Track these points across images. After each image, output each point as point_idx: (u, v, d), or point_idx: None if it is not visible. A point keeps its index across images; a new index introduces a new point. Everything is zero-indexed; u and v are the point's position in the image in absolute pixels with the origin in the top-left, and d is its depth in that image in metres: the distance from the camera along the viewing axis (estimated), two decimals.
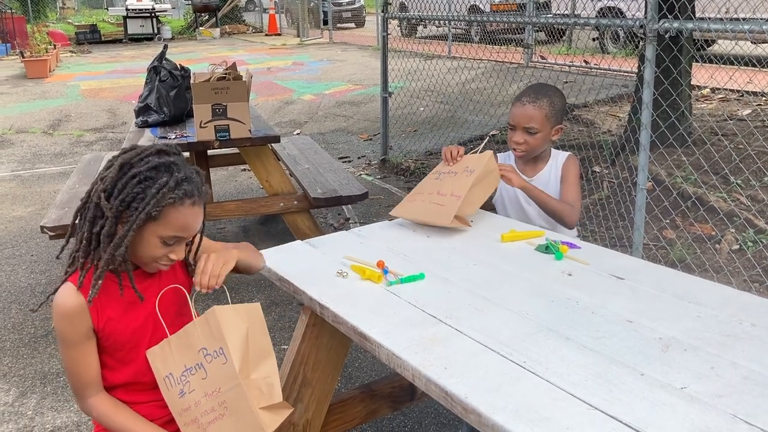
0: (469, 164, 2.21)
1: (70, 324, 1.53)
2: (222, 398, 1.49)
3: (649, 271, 1.82)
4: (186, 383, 1.53)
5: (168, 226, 1.50)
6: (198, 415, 1.52)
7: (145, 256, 1.54)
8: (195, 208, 1.53)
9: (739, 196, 4.34)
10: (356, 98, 9.67)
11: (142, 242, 1.51)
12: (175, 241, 1.53)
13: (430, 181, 2.32)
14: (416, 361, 1.40)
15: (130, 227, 1.47)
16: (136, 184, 1.47)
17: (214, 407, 1.50)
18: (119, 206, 1.47)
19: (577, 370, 1.34)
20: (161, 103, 4.13)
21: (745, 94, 7.02)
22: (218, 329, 1.49)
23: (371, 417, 2.17)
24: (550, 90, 2.39)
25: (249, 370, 1.48)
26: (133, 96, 9.58)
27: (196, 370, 1.52)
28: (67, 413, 2.77)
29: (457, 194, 2.13)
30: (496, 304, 1.65)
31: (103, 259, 1.50)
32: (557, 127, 2.36)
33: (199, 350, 1.52)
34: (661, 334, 1.47)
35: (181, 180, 1.50)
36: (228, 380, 1.47)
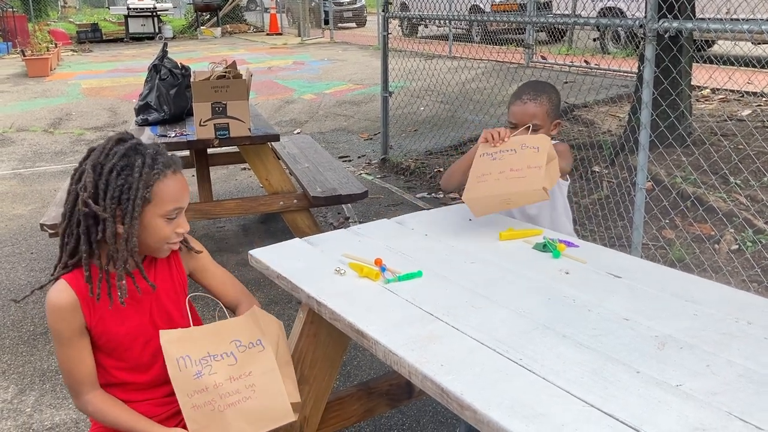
0: (526, 141, 2.08)
1: (63, 320, 1.53)
2: (251, 381, 1.51)
3: (646, 269, 1.83)
4: (207, 366, 1.53)
5: (163, 201, 1.52)
6: (215, 396, 1.50)
7: (156, 241, 1.56)
8: (177, 175, 1.56)
9: (738, 196, 4.34)
10: (357, 98, 9.68)
11: (147, 229, 1.53)
12: (176, 213, 1.56)
13: (486, 161, 2.11)
14: (413, 358, 1.40)
15: (131, 219, 1.49)
16: (117, 177, 1.48)
17: (240, 389, 1.51)
18: (111, 204, 1.48)
19: (573, 368, 1.34)
20: (161, 102, 4.14)
21: (745, 95, 7.02)
22: (258, 324, 1.60)
23: (369, 415, 2.18)
24: (546, 86, 2.41)
25: (281, 367, 1.58)
26: (134, 95, 9.59)
27: (223, 358, 1.55)
28: (65, 410, 2.77)
29: (536, 165, 1.99)
30: (494, 301, 1.65)
31: (119, 259, 1.51)
32: (555, 122, 2.37)
33: (231, 341, 1.56)
34: (657, 332, 1.47)
35: (154, 155, 1.52)
36: (263, 365, 1.53)
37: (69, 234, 1.54)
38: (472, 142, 6.79)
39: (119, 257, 1.52)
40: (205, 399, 1.50)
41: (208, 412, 1.50)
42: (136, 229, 1.50)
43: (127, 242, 1.50)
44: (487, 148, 2.17)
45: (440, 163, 6.17)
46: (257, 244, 1.85)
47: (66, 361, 1.57)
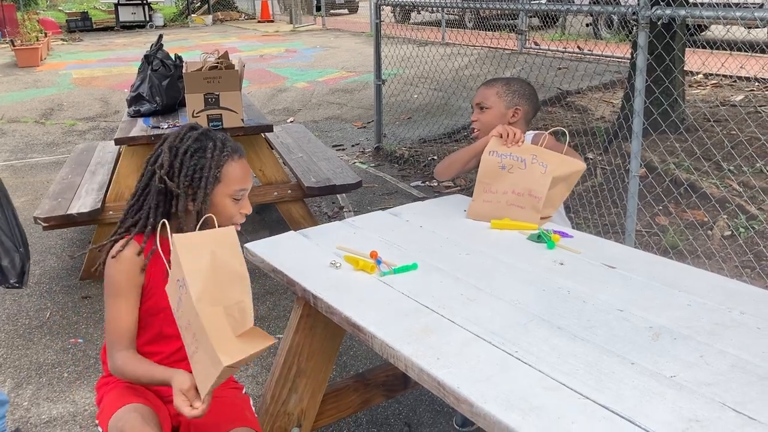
0: (538, 154, 2.12)
1: (126, 273, 1.61)
2: (192, 331, 1.43)
3: (640, 259, 1.84)
4: (179, 318, 1.50)
5: (232, 182, 1.65)
6: (188, 350, 1.46)
7: (223, 219, 1.66)
8: (243, 160, 1.70)
9: (731, 182, 4.36)
10: (350, 85, 9.65)
11: (216, 207, 1.65)
12: (242, 194, 1.69)
13: (494, 165, 2.18)
14: (409, 351, 1.41)
15: (204, 195, 1.61)
16: (191, 158, 1.61)
17: (190, 342, 1.44)
18: (185, 181, 1.61)
19: (567, 360, 1.35)
20: (153, 93, 4.12)
21: (738, 80, 7.03)
22: (177, 259, 1.44)
23: (365, 405, 2.19)
24: (510, 77, 2.50)
25: (218, 298, 1.41)
26: (126, 84, 9.53)
27: (178, 305, 1.48)
28: (63, 404, 2.78)
29: (537, 195, 2.08)
30: (489, 293, 1.66)
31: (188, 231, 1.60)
32: (514, 109, 2.37)
33: (176, 281, 1.47)
34: (651, 323, 1.48)
35: (223, 140, 1.67)
36: (191, 312, 1.40)
37: (137, 208, 1.66)
38: (466, 129, 6.78)
39: (189, 230, 1.62)
40: (188, 340, 1.46)
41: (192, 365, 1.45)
42: (207, 205, 1.62)
43: (198, 216, 1.61)
44: (498, 146, 2.19)
45: (434, 152, 6.17)
46: (252, 235, 1.86)
47: (115, 313, 1.61)
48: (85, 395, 2.83)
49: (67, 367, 3.05)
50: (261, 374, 2.95)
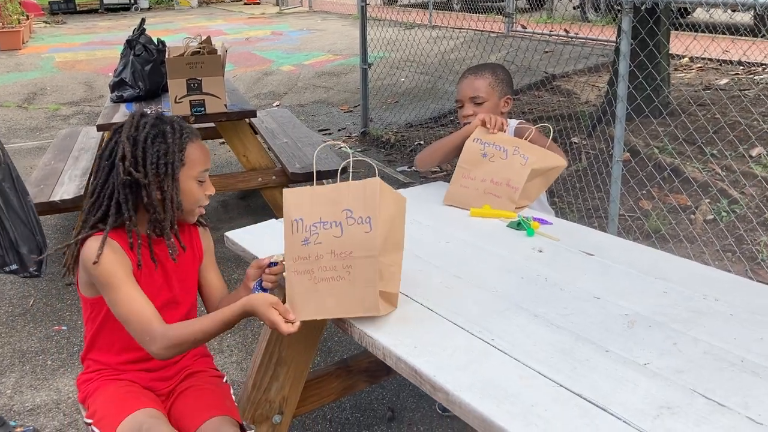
0: (521, 146, 2.14)
1: (117, 261, 1.55)
2: (349, 263, 1.46)
3: (618, 246, 1.85)
4: (314, 234, 1.50)
5: (195, 163, 1.63)
6: (315, 268, 1.49)
7: (190, 203, 1.65)
8: (199, 140, 1.68)
9: (714, 166, 4.39)
10: (336, 69, 9.60)
11: (182, 191, 1.62)
12: (205, 175, 1.68)
13: (476, 152, 2.19)
14: (387, 340, 1.42)
15: (172, 180, 1.58)
16: (153, 145, 1.58)
17: (336, 267, 1.47)
18: (152, 169, 1.56)
19: (543, 348, 1.36)
20: (136, 78, 4.08)
21: (723, 64, 7.05)
22: (374, 199, 1.46)
23: (348, 392, 2.20)
24: (491, 64, 2.48)
25: (383, 252, 1.47)
26: (110, 68, 9.44)
27: (331, 227, 1.49)
28: (46, 392, 2.78)
29: (514, 186, 2.10)
30: (468, 282, 1.67)
31: (167, 219, 1.60)
32: (505, 98, 2.37)
33: (343, 210, 1.48)
34: (627, 310, 1.50)
35: (179, 122, 1.65)
36: (364, 249, 1.45)
37: (98, 206, 1.60)
38: (453, 113, 6.77)
39: (166, 218, 1.60)
40: (305, 267, 1.51)
41: (305, 281, 1.51)
42: (178, 189, 1.60)
43: (172, 202, 1.59)
44: (483, 135, 2.20)
45: (420, 136, 6.16)
46: (237, 221, 1.86)
47: (129, 302, 1.52)
48: (68, 383, 2.83)
49: (51, 355, 3.05)
50: (245, 360, 2.96)
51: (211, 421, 1.60)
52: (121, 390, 1.64)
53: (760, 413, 1.14)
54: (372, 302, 1.46)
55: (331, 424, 2.52)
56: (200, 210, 1.72)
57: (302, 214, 1.52)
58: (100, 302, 1.60)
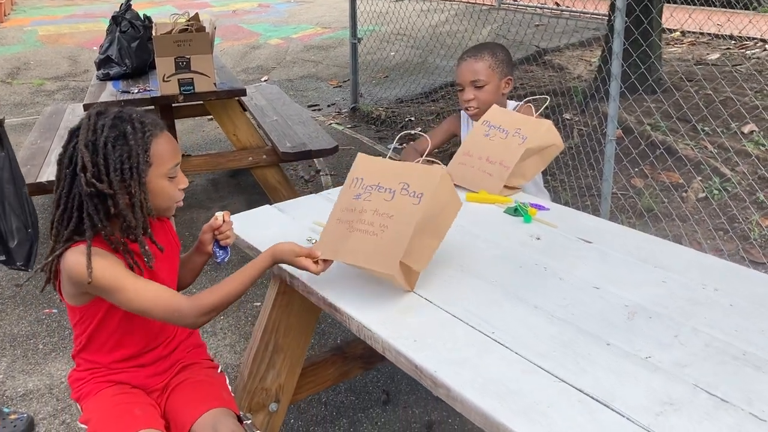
0: (522, 127, 2.12)
1: (110, 263, 1.49)
2: (386, 223, 1.54)
3: (616, 233, 1.84)
4: (368, 193, 1.60)
5: (163, 160, 1.53)
6: (355, 219, 1.58)
7: (164, 201, 1.58)
8: (165, 133, 1.57)
9: (706, 144, 4.38)
10: (325, 42, 9.47)
11: (154, 192, 1.54)
12: (176, 170, 1.57)
13: (479, 137, 2.19)
14: (386, 333, 1.41)
15: (139, 185, 1.49)
16: (113, 149, 1.47)
17: (374, 224, 1.55)
18: (116, 177, 1.47)
19: (544, 340, 1.35)
20: (123, 55, 4.01)
21: (714, 38, 7.01)
22: (433, 182, 1.55)
23: (344, 377, 2.20)
24: (490, 44, 2.42)
25: (420, 229, 1.53)
26: (95, 42, 9.28)
27: (385, 192, 1.59)
28: (38, 376, 2.76)
29: (507, 165, 2.09)
30: (466, 271, 1.66)
31: (138, 226, 1.52)
32: (506, 79, 2.34)
33: (401, 182, 1.58)
34: (627, 300, 1.49)
35: (141, 118, 1.53)
36: (404, 216, 1.53)
37: (67, 218, 1.50)
38: (443, 89, 6.72)
39: (138, 224, 1.52)
40: (347, 217, 1.60)
41: (342, 228, 1.59)
42: (147, 194, 1.52)
43: (142, 208, 1.51)
44: (494, 117, 2.18)
45: (411, 112, 6.11)
46: (227, 199, 1.83)
47: (143, 292, 1.48)
48: (61, 367, 2.81)
49: (42, 339, 3.02)
50: (239, 343, 2.95)
51: (208, 413, 1.59)
52: (117, 401, 1.60)
53: (763, 409, 1.13)
54: (392, 264, 1.48)
55: (327, 407, 2.52)
56: (178, 204, 1.63)
57: (365, 175, 1.63)
58: (92, 308, 1.56)
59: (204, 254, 1.75)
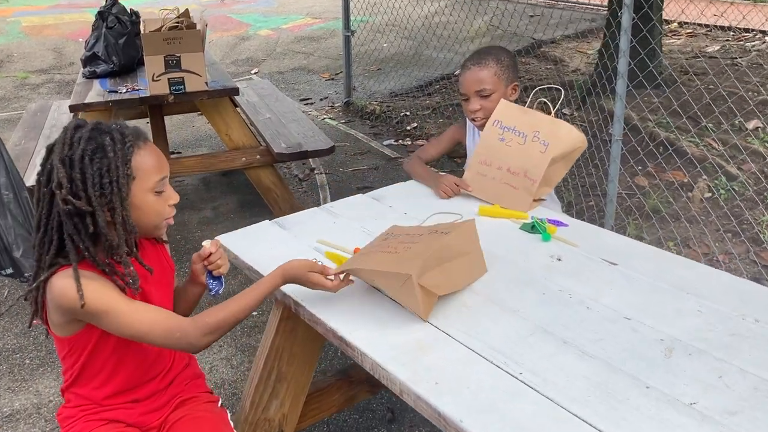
0: (541, 130, 2.01)
1: (101, 286, 1.37)
2: (410, 246, 1.52)
3: (641, 253, 1.73)
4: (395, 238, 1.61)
5: (148, 173, 1.41)
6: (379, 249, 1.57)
7: (152, 219, 1.45)
8: (150, 144, 1.45)
9: (712, 141, 4.28)
10: (316, 33, 9.30)
11: (140, 209, 1.42)
12: (163, 184, 1.45)
13: (494, 141, 2.08)
14: (404, 374, 1.29)
15: (121, 201, 1.37)
16: (91, 163, 1.36)
17: (397, 247, 1.54)
18: (95, 193, 1.35)
19: (576, 382, 1.24)
20: (110, 52, 3.84)
21: (713, 29, 6.91)
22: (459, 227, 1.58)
23: (349, 403, 2.09)
24: (493, 49, 2.30)
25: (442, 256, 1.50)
26: (80, 33, 9.06)
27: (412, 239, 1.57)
28: (25, 394, 2.63)
29: (532, 178, 1.99)
30: (485, 297, 1.54)
31: (121, 245, 1.40)
32: (512, 85, 2.23)
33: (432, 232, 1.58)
34: (662, 334, 1.38)
35: (120, 129, 1.41)
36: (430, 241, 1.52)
37: (48, 241, 1.39)
38: (438, 82, 6.58)
39: (120, 243, 1.39)
40: (369, 249, 1.61)
41: (364, 254, 1.60)
42: (128, 210, 1.39)
43: (125, 225, 1.39)
44: (505, 114, 2.08)
45: (406, 106, 5.97)
46: (219, 200, 1.70)
47: (139, 315, 1.38)
48: (49, 384, 2.68)
49: (29, 353, 2.89)
50: (235, 356, 2.83)
51: None
52: None
53: None
54: (410, 266, 1.42)
55: (329, 427, 2.41)
56: (168, 222, 1.50)
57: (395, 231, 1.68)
58: (82, 338, 1.44)
59: (198, 285, 1.63)
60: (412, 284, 1.39)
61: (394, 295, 1.49)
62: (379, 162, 4.89)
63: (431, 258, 1.45)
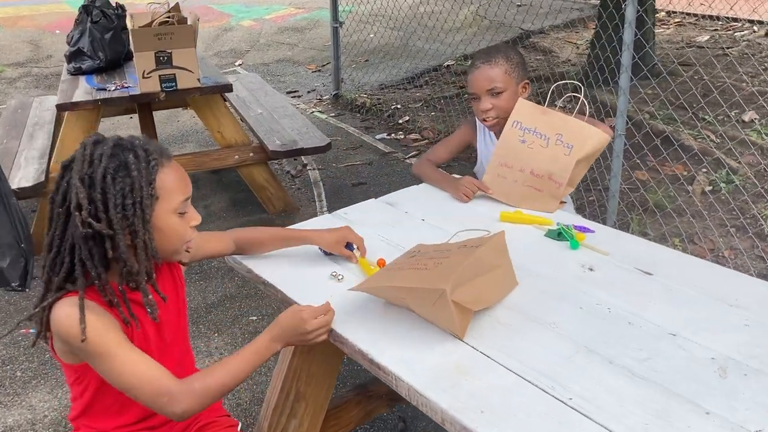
0: (564, 133, 1.95)
1: (104, 326, 1.28)
2: (441, 261, 1.44)
3: (675, 261, 1.66)
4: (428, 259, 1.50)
5: (172, 193, 1.32)
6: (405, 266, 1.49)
7: (174, 243, 1.36)
8: (173, 162, 1.37)
9: (709, 134, 4.24)
10: (300, 24, 9.15)
11: (161, 231, 1.32)
12: (186, 204, 1.37)
13: (514, 143, 2.02)
14: (446, 402, 1.21)
15: (143, 223, 1.28)
16: (114, 182, 1.26)
17: (426, 263, 1.45)
18: (117, 215, 1.26)
19: (632, 408, 1.17)
20: (95, 48, 3.71)
21: (701, 19, 6.89)
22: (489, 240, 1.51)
23: (368, 418, 2.01)
24: (501, 47, 2.25)
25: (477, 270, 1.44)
26: (57, 25, 8.83)
27: (442, 254, 1.49)
28: (18, 409, 2.51)
29: (558, 180, 1.95)
30: (519, 312, 1.47)
31: (141, 272, 1.31)
32: (523, 83, 2.16)
33: (461, 247, 1.51)
34: (712, 351, 1.32)
35: (143, 146, 1.32)
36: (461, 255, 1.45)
37: (59, 263, 1.29)
38: (428, 74, 6.49)
39: (141, 269, 1.30)
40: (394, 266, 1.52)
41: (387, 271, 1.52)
42: (152, 233, 1.30)
43: (146, 250, 1.29)
44: (524, 114, 2.01)
45: (396, 99, 5.88)
46: (210, 199, 1.61)
47: (131, 367, 1.27)
48: (43, 398, 2.57)
49: (20, 364, 2.77)
50: None
51: None
52: None
53: None
54: (444, 280, 1.34)
55: None
56: (188, 246, 1.40)
57: (422, 248, 1.59)
58: (88, 370, 1.34)
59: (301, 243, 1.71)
60: (446, 300, 1.31)
61: (426, 313, 1.41)
62: (372, 157, 4.79)
63: (464, 273, 1.38)
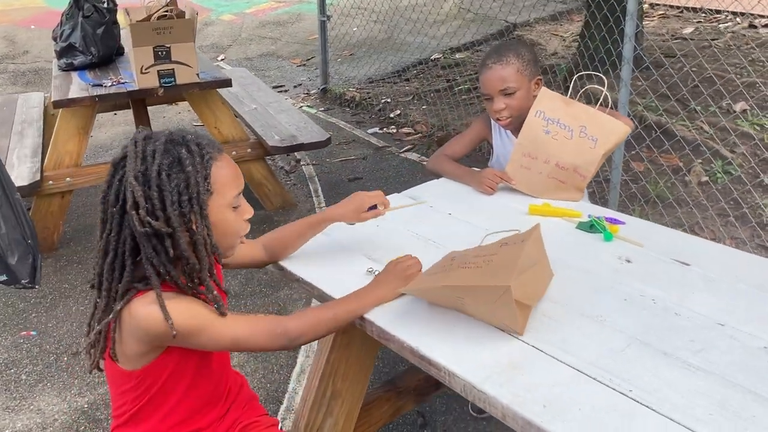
0: (588, 125, 1.95)
1: (188, 304, 1.27)
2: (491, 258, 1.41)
3: (708, 252, 1.68)
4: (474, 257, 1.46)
5: (226, 187, 1.31)
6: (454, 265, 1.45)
7: (228, 238, 1.35)
8: (225, 155, 1.35)
9: (702, 125, 4.29)
10: (281, 17, 9.07)
11: (216, 226, 1.31)
12: (239, 197, 1.36)
13: (538, 133, 2.00)
14: (506, 397, 1.20)
15: (201, 218, 1.26)
16: (169, 179, 1.24)
17: (477, 262, 1.42)
18: (175, 212, 1.24)
19: (694, 400, 1.17)
20: (88, 43, 3.63)
21: (684, 11, 6.96)
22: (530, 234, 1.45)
23: (397, 414, 1.99)
24: (512, 44, 2.23)
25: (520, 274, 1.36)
26: (33, 20, 8.64)
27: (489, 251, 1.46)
28: (27, 413, 2.45)
29: (583, 174, 1.95)
30: (563, 305, 1.46)
31: (203, 268, 1.29)
32: (536, 80, 2.14)
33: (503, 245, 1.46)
34: (763, 341, 1.32)
35: (196, 141, 1.30)
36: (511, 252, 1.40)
37: (119, 266, 1.26)
38: (415, 67, 6.48)
39: (203, 266, 1.29)
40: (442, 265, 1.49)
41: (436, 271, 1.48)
42: (209, 228, 1.29)
43: (206, 245, 1.28)
44: (547, 104, 2.00)
45: (385, 93, 5.86)
46: None
47: (237, 321, 1.32)
48: (51, 401, 2.52)
49: (24, 367, 2.70)
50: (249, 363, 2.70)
51: None
52: None
53: None
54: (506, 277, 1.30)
55: None
56: (242, 239, 1.40)
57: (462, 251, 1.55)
58: (158, 365, 1.30)
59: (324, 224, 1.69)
60: (510, 297, 1.29)
61: (482, 312, 1.38)
62: (366, 151, 4.77)
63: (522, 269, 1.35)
